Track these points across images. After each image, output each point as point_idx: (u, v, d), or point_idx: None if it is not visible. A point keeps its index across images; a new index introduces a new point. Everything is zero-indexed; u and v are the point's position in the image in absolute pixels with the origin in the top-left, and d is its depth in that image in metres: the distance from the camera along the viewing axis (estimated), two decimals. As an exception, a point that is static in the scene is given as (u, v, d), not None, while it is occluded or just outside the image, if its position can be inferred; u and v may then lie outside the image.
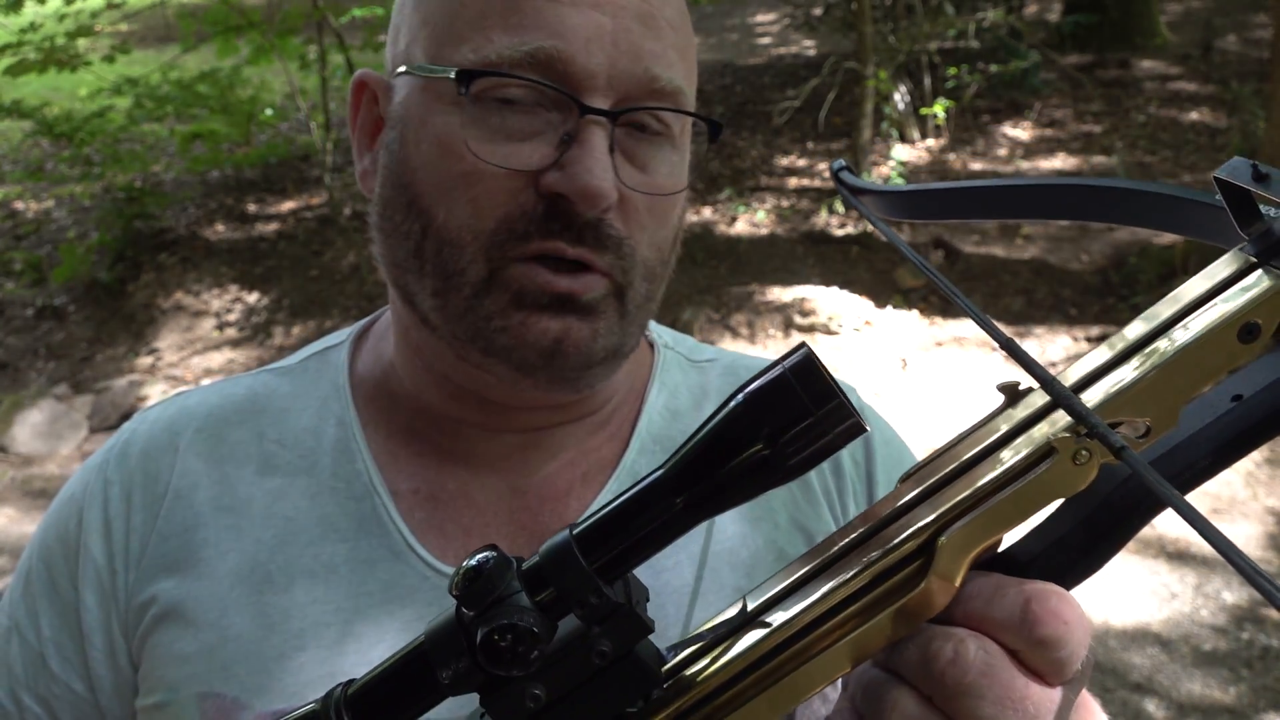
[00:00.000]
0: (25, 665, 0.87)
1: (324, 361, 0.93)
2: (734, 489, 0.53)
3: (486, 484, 0.86)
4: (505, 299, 0.76)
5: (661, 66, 0.77)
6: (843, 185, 0.68)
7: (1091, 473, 0.53)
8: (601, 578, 0.53)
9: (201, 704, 0.80)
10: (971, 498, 0.54)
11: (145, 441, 0.89)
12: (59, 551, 0.88)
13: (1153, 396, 0.52)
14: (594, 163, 0.74)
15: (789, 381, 0.51)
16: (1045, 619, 0.53)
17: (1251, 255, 0.53)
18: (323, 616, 0.81)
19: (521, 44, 0.74)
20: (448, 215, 0.77)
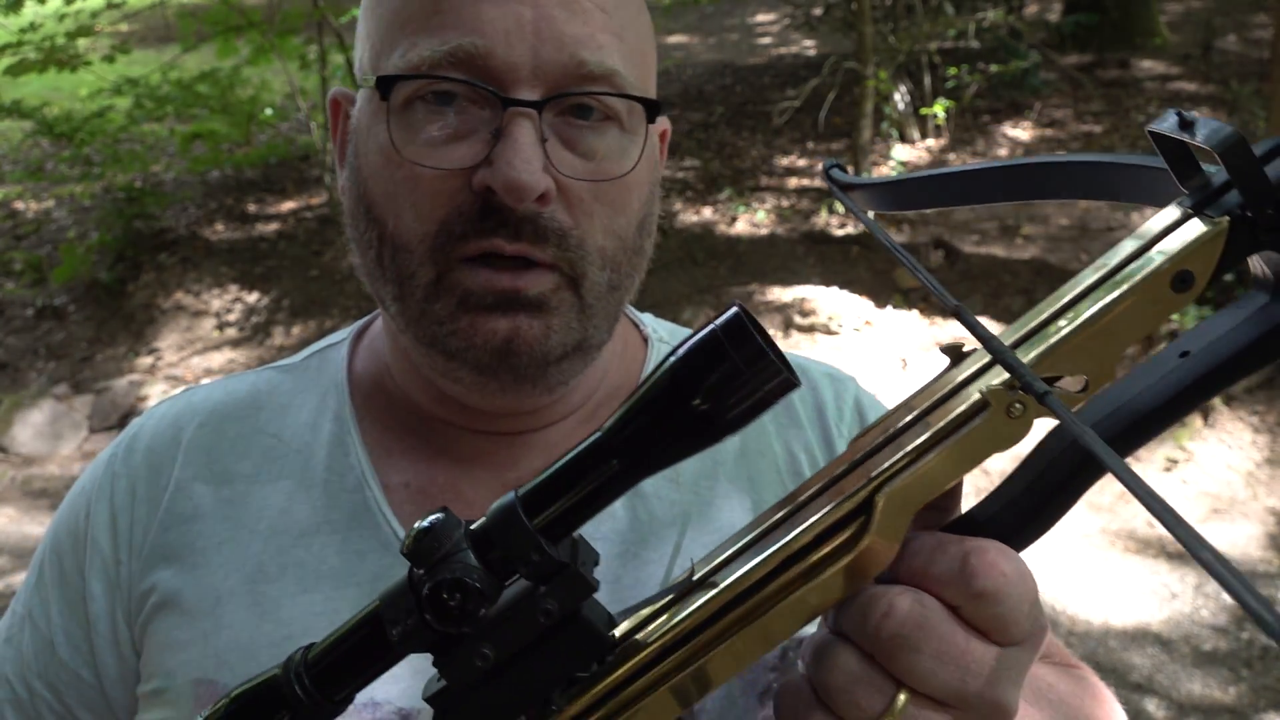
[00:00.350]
0: (36, 652, 0.90)
1: (324, 359, 0.96)
2: (669, 447, 0.53)
3: (477, 479, 0.87)
4: (453, 301, 0.77)
5: (589, 50, 0.76)
6: (833, 183, 0.69)
7: (1028, 425, 0.53)
8: (546, 537, 0.54)
9: (196, 690, 0.81)
10: (908, 455, 0.55)
11: (150, 437, 0.92)
12: (69, 543, 0.91)
13: (1089, 349, 0.53)
14: (514, 155, 0.73)
15: (719, 340, 0.51)
16: (982, 571, 0.53)
17: (1188, 206, 0.53)
18: (313, 606, 0.82)
19: (442, 44, 0.75)
20: (396, 222, 0.78)
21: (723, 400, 0.52)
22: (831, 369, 0.98)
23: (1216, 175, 0.53)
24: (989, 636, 0.55)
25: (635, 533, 0.85)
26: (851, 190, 0.68)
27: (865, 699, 0.54)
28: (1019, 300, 6.10)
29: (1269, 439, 5.03)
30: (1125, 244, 0.55)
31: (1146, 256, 0.53)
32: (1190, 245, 0.52)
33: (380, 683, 0.80)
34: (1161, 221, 0.54)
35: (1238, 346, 0.53)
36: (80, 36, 7.57)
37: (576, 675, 0.58)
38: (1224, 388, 0.54)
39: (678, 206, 7.49)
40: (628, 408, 0.54)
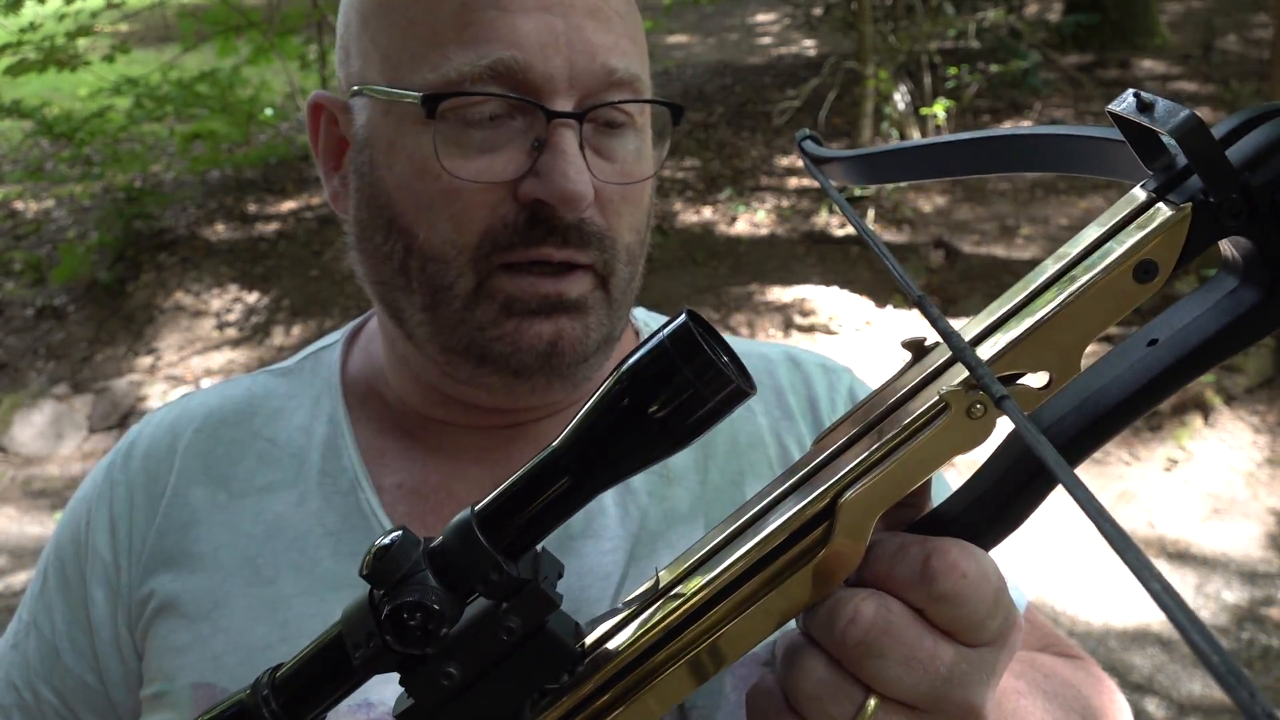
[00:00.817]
0: (42, 658, 0.91)
1: (318, 362, 0.96)
2: (621, 461, 0.53)
3: (470, 477, 0.88)
4: (495, 308, 0.78)
5: (616, 58, 0.78)
6: (805, 155, 0.68)
7: (990, 427, 0.51)
8: (504, 554, 0.54)
9: (195, 694, 0.82)
10: (869, 459, 0.53)
11: (148, 443, 0.93)
12: (70, 550, 0.92)
13: (1050, 344, 0.51)
14: (569, 166, 0.74)
15: (666, 351, 0.50)
16: (942, 573, 0.53)
17: (1151, 190, 0.51)
18: (307, 608, 0.83)
19: (480, 58, 0.75)
20: (429, 233, 0.78)
21: (674, 412, 0.51)
22: (826, 359, 0.98)
23: (1180, 157, 0.50)
24: (955, 637, 0.54)
25: (625, 529, 0.86)
26: (824, 163, 0.68)
27: (834, 706, 0.54)
28: (1019, 300, 6.11)
29: (1269, 439, 5.03)
30: (1089, 230, 0.53)
31: (1108, 246, 0.51)
32: (1151, 234, 0.49)
33: (374, 683, 0.80)
34: (1125, 206, 0.52)
35: (1207, 335, 0.51)
36: (80, 36, 7.56)
37: (546, 687, 0.57)
38: (1194, 377, 0.52)
39: (678, 206, 7.49)
40: (578, 421, 0.53)
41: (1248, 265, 0.50)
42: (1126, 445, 5.04)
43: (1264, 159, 0.47)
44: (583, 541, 0.84)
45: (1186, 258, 0.50)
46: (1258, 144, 0.48)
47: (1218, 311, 0.51)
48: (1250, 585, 4.16)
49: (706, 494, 0.88)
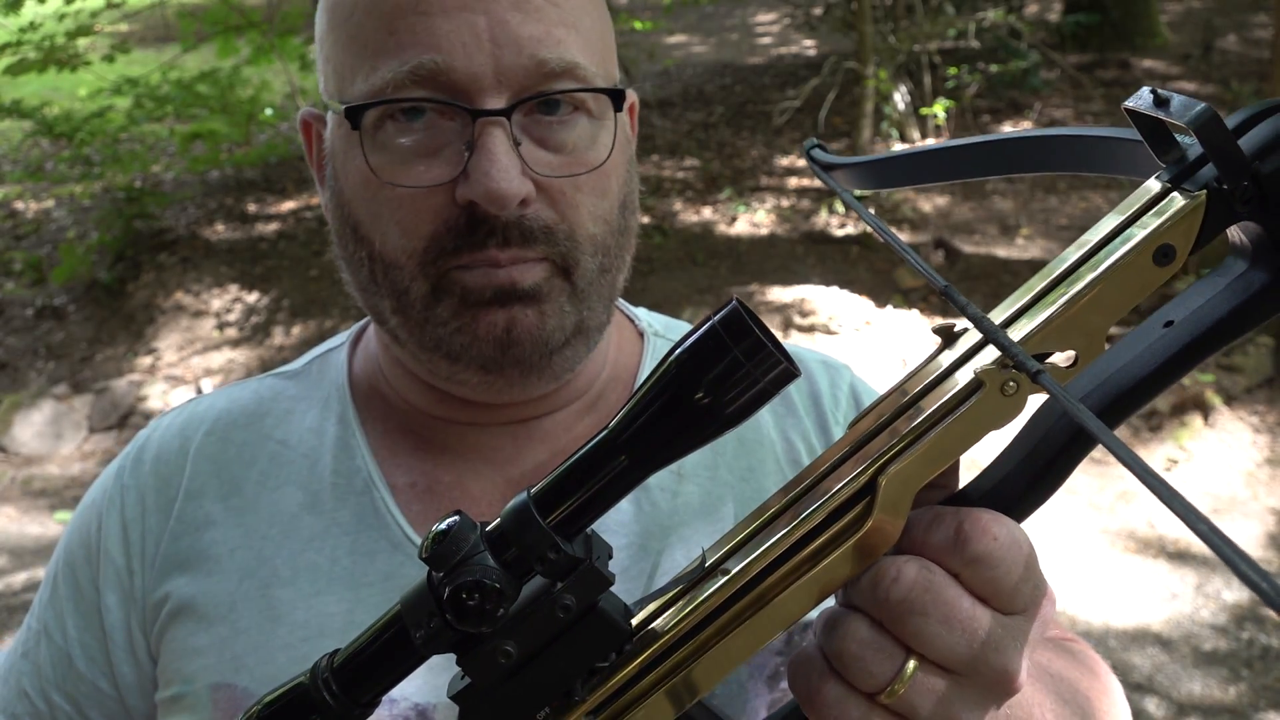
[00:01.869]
0: (54, 665, 0.91)
1: (325, 363, 0.97)
2: (676, 441, 0.55)
3: (481, 475, 0.88)
4: (454, 302, 0.79)
5: (547, 49, 0.76)
6: (814, 162, 0.70)
7: (1022, 403, 0.54)
8: (560, 534, 0.56)
9: (214, 695, 0.83)
10: (907, 436, 0.56)
11: (158, 447, 0.93)
12: (81, 556, 0.92)
13: (1076, 325, 0.54)
14: (491, 165, 0.74)
15: (718, 334, 0.53)
16: (975, 536, 0.55)
17: (1166, 180, 0.54)
18: (326, 607, 0.83)
19: (402, 65, 0.75)
20: (383, 240, 0.79)
21: (725, 393, 0.53)
22: (826, 357, 0.99)
23: (1192, 149, 0.54)
24: (989, 602, 0.56)
25: (639, 524, 0.86)
26: (833, 170, 0.70)
27: (876, 665, 0.56)
28: (1019, 300, 6.11)
29: (1269, 439, 5.03)
30: (1107, 219, 0.56)
31: (1128, 232, 0.54)
32: (1170, 219, 0.53)
33: None
34: (1141, 196, 0.55)
35: (1219, 315, 0.54)
36: (80, 36, 7.57)
37: (596, 666, 0.59)
38: (1208, 355, 0.55)
39: (678, 206, 7.49)
40: (633, 404, 0.55)
41: (1257, 249, 0.54)
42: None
43: (1273, 149, 0.51)
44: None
45: (1202, 241, 0.53)
46: (1266, 135, 0.51)
47: (1230, 293, 0.54)
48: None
49: (716, 490, 0.89)
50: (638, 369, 0.94)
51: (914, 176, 0.66)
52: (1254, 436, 5.06)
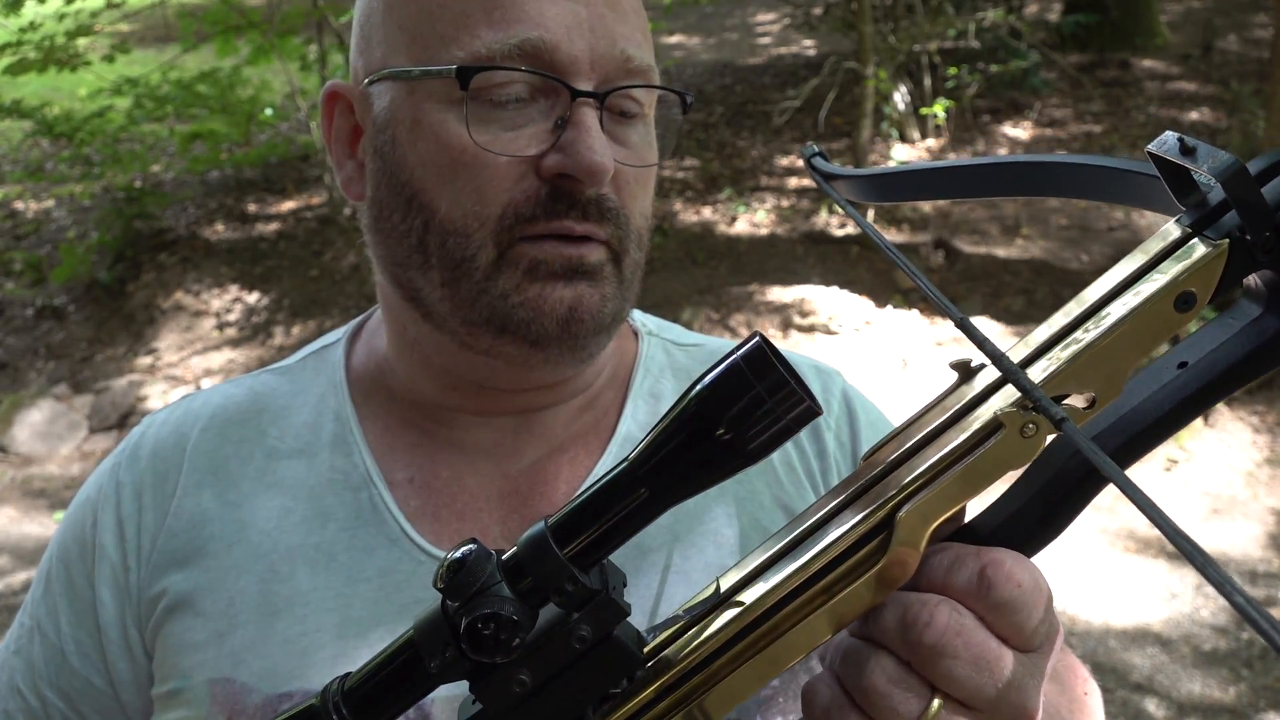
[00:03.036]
0: (47, 661, 0.91)
1: (321, 359, 0.97)
2: (696, 476, 0.55)
3: (479, 470, 0.89)
4: (518, 274, 0.80)
5: (633, 47, 0.82)
6: (815, 172, 0.70)
7: (1040, 445, 0.55)
8: (577, 565, 0.56)
9: (212, 689, 0.83)
10: (926, 473, 0.57)
11: (154, 443, 0.93)
12: (76, 552, 0.92)
13: (1096, 368, 0.54)
14: (594, 140, 0.78)
15: (741, 370, 0.53)
16: (999, 583, 0.56)
17: (1187, 226, 0.54)
18: (324, 602, 0.84)
19: (509, 38, 0.78)
20: (451, 206, 0.80)
21: (747, 429, 0.53)
22: (817, 362, 0.99)
23: (1213, 194, 0.54)
24: (1009, 642, 0.58)
25: None
26: (834, 179, 0.70)
27: (903, 703, 0.57)
28: (1019, 300, 6.11)
29: (1269, 439, 5.03)
30: (1128, 261, 0.56)
31: (1149, 277, 0.55)
32: (1191, 267, 0.53)
33: None
34: (1162, 239, 0.55)
35: (1233, 359, 0.55)
36: (80, 36, 7.57)
37: (609, 692, 0.59)
38: (1220, 398, 0.56)
39: (678, 206, 7.49)
40: (654, 437, 0.55)
41: (1272, 295, 0.55)
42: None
43: None
44: None
45: (1222, 288, 0.54)
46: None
47: (1244, 338, 0.55)
48: (1250, 585, 4.16)
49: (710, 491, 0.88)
50: (633, 368, 0.95)
51: (917, 192, 0.67)
52: (1254, 436, 5.06)
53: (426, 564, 0.85)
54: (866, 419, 0.95)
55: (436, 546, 0.85)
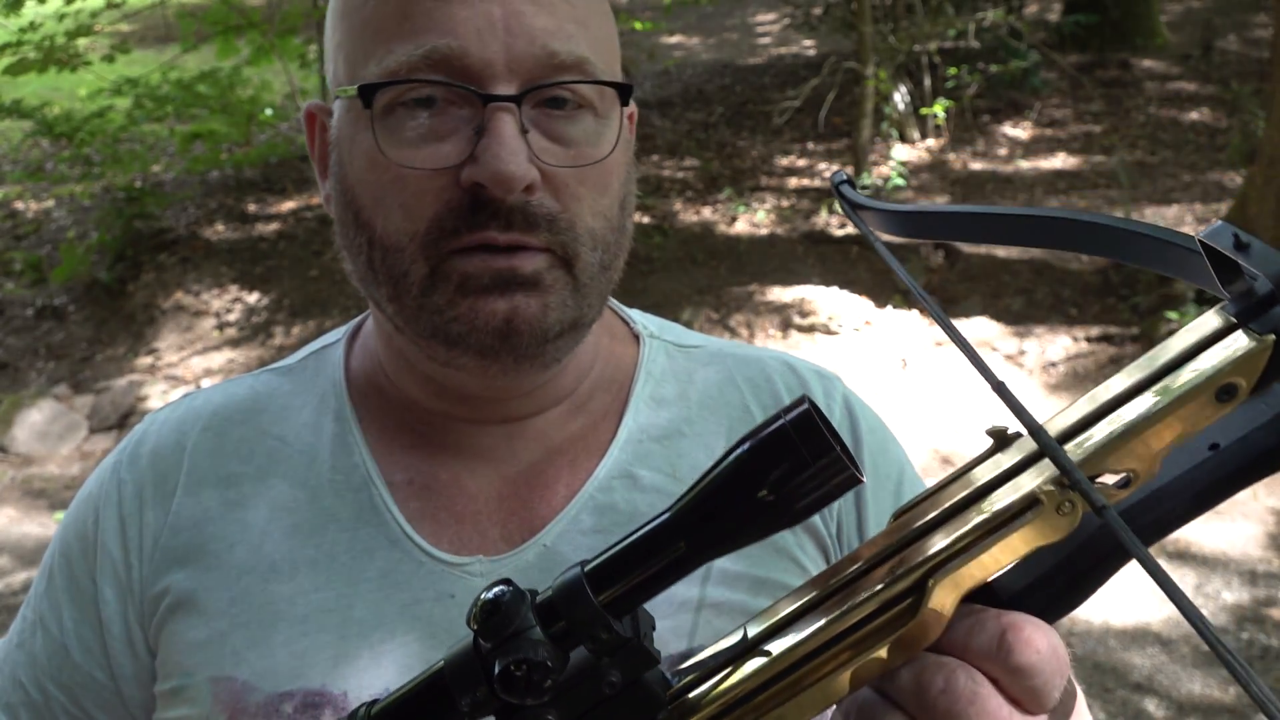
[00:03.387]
0: (49, 656, 0.91)
1: (321, 359, 0.97)
2: (735, 534, 0.56)
3: (478, 473, 0.89)
4: (450, 289, 0.79)
5: (559, 41, 0.78)
6: (843, 199, 0.70)
7: (1075, 522, 0.55)
8: (611, 612, 0.56)
9: (214, 687, 0.83)
10: (960, 542, 0.57)
11: (155, 442, 0.94)
12: (78, 548, 0.92)
13: (1135, 450, 0.55)
14: (500, 148, 0.76)
15: (789, 435, 0.54)
16: (1019, 648, 0.56)
17: (1231, 315, 0.55)
18: (325, 603, 0.84)
19: (417, 48, 0.77)
20: (384, 224, 0.80)
21: (790, 493, 0.54)
22: (818, 367, 0.99)
23: (1259, 285, 0.54)
24: (1022, 706, 0.58)
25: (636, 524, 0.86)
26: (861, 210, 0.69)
27: None
28: (1019, 300, 6.11)
29: (1269, 439, 5.03)
30: (1171, 344, 0.56)
31: (1193, 366, 0.55)
32: (1235, 361, 0.53)
33: (395, 674, 0.81)
34: (1206, 326, 0.56)
35: (1266, 447, 0.56)
36: (80, 36, 7.57)
37: None
38: (1250, 484, 0.56)
39: (678, 206, 7.49)
40: (697, 492, 0.56)
41: None
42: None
43: None
44: (594, 537, 0.86)
45: (1264, 381, 0.54)
46: None
47: (1275, 426, 0.56)
48: (1250, 585, 4.16)
49: None
50: (634, 371, 0.95)
51: (949, 233, 0.66)
52: (1254, 436, 5.05)
53: (427, 565, 0.85)
54: (867, 425, 0.95)
55: (437, 548, 0.86)
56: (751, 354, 0.98)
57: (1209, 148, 7.66)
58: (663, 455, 0.90)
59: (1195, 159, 7.53)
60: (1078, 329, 5.85)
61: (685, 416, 0.92)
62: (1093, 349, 5.69)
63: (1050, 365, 5.63)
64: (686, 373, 0.96)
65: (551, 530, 0.86)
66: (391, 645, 0.83)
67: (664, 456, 0.90)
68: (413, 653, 0.82)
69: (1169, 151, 7.69)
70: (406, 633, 0.83)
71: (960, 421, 5.18)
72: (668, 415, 0.92)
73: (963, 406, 5.24)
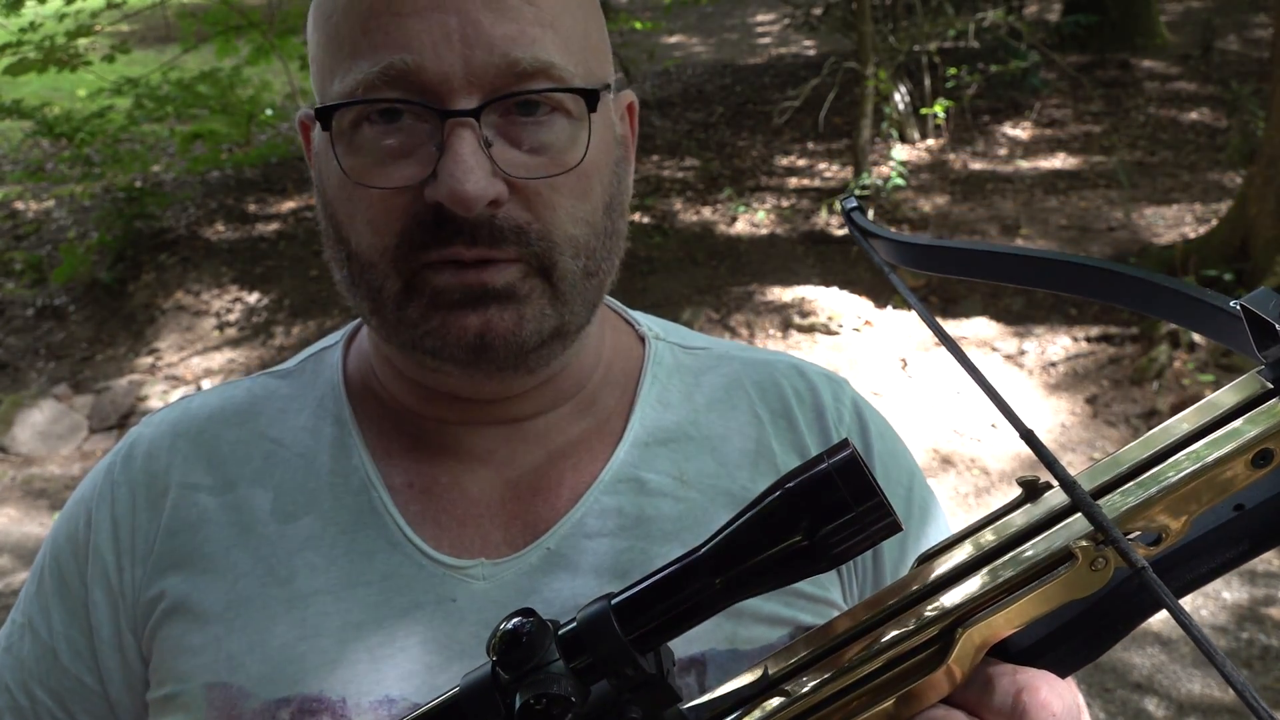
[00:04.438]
0: (38, 659, 0.90)
1: (319, 363, 0.96)
2: (772, 574, 0.55)
3: (478, 476, 0.88)
4: (424, 303, 0.79)
5: (521, 48, 0.76)
6: (854, 226, 0.69)
7: (1108, 578, 0.55)
8: (636, 648, 0.55)
9: (209, 694, 0.82)
10: (992, 593, 0.57)
11: (150, 444, 0.92)
12: (69, 551, 0.91)
13: (1168, 510, 0.55)
14: (456, 167, 0.74)
15: (832, 479, 0.53)
16: (1033, 709, 0.56)
17: (1268, 381, 0.55)
18: (324, 606, 0.83)
19: (374, 65, 0.75)
20: (358, 240, 0.80)
21: (829, 537, 0.53)
22: (827, 371, 0.99)
23: None
24: None
25: (641, 527, 0.86)
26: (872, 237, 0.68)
27: None
28: (1018, 300, 6.11)
29: (1269, 439, 5.03)
30: (1205, 406, 0.56)
31: (1229, 430, 0.55)
32: (1273, 428, 0.54)
33: (395, 679, 0.81)
34: (1242, 392, 0.56)
35: None
36: (80, 36, 7.56)
37: None
38: (1274, 547, 0.57)
39: (678, 206, 7.49)
40: (733, 530, 0.55)
41: None
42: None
43: None
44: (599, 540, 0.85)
45: None
46: None
47: None
48: (1250, 585, 4.16)
49: (718, 499, 0.89)
50: (640, 373, 0.94)
51: (961, 269, 0.65)
52: (1254, 436, 5.05)
53: (428, 568, 0.84)
54: (877, 430, 0.95)
55: (438, 551, 0.85)
56: (759, 357, 0.98)
57: (1209, 148, 7.66)
58: (669, 458, 0.89)
59: (1195, 159, 7.53)
60: (1077, 329, 5.85)
61: (692, 419, 0.92)
62: (1092, 349, 5.68)
63: (1050, 365, 5.63)
64: (693, 375, 0.95)
65: (555, 533, 0.85)
66: (391, 650, 0.82)
67: (670, 459, 0.89)
68: (413, 657, 0.82)
69: (1169, 151, 7.69)
70: (406, 637, 0.82)
71: (960, 422, 5.19)
72: (674, 418, 0.92)
73: (963, 407, 5.24)
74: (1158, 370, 5.30)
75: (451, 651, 0.82)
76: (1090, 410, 5.28)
